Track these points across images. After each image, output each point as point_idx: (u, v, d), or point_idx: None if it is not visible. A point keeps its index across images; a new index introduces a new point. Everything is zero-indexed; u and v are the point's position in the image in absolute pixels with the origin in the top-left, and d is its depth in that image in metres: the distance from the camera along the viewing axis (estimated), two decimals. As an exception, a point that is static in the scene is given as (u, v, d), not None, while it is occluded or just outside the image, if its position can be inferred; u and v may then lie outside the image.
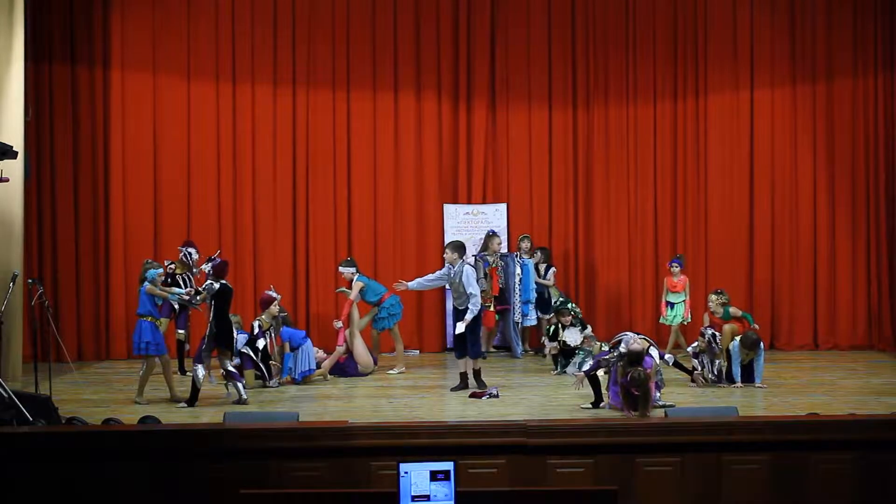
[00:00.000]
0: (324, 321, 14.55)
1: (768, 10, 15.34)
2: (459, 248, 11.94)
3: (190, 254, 12.98)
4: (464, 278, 11.63)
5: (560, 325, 12.84)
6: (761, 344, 12.04)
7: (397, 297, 13.43)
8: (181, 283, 12.79)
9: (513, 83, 15.36)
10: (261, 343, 12.08)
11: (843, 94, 15.31)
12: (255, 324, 12.27)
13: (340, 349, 12.88)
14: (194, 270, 13.01)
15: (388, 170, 15.29)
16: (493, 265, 14.21)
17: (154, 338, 11.22)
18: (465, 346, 11.74)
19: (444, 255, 11.98)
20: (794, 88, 15.36)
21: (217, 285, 11.20)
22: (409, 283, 12.14)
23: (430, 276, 12.21)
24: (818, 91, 15.33)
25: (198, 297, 11.49)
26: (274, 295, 12.42)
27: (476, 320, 11.76)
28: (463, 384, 11.80)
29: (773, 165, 15.39)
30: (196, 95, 14.94)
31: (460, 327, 11.63)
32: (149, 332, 11.18)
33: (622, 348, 10.45)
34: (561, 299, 13.79)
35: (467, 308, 11.63)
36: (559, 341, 12.80)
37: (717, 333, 12.16)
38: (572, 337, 12.74)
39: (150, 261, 12.27)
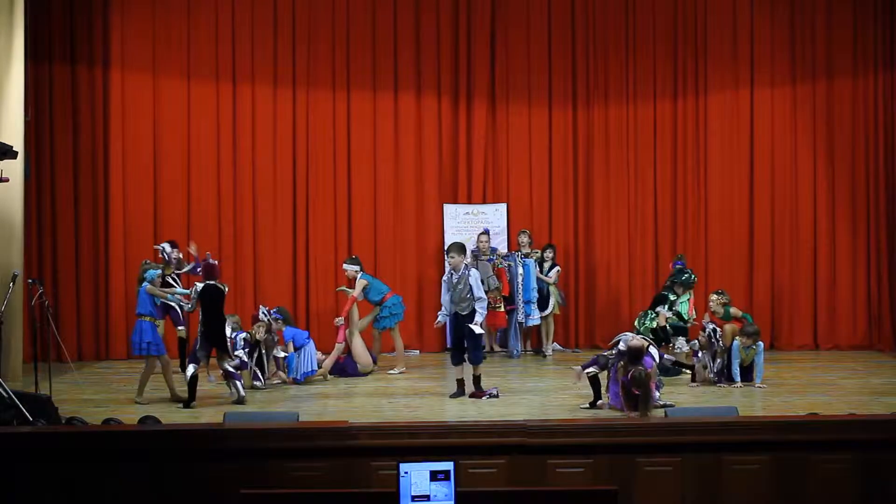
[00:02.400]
0: (324, 320, 14.54)
1: (768, 9, 15.35)
2: (463, 250, 11.67)
3: (164, 248, 12.91)
4: (472, 282, 11.28)
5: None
6: (761, 344, 12.04)
7: (399, 297, 13.42)
8: (171, 282, 12.76)
9: (513, 83, 15.37)
10: (240, 353, 11.87)
11: (843, 94, 15.31)
12: (244, 334, 12.13)
13: (340, 346, 12.87)
14: (185, 268, 13.02)
15: (388, 170, 15.28)
16: (501, 265, 14.18)
17: (154, 338, 11.24)
18: (462, 353, 11.46)
19: (450, 259, 11.50)
20: (794, 88, 15.37)
21: (200, 286, 11.19)
22: (441, 317, 11.57)
23: (443, 296, 11.53)
24: (818, 91, 15.34)
25: (189, 305, 11.48)
26: (259, 315, 12.26)
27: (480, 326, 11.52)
28: (460, 391, 11.49)
29: (773, 165, 15.40)
30: (196, 95, 14.94)
31: (477, 329, 11.29)
32: (149, 332, 11.19)
33: (621, 346, 10.46)
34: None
35: (472, 311, 11.28)
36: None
37: (717, 329, 12.16)
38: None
39: (148, 261, 12.25)
